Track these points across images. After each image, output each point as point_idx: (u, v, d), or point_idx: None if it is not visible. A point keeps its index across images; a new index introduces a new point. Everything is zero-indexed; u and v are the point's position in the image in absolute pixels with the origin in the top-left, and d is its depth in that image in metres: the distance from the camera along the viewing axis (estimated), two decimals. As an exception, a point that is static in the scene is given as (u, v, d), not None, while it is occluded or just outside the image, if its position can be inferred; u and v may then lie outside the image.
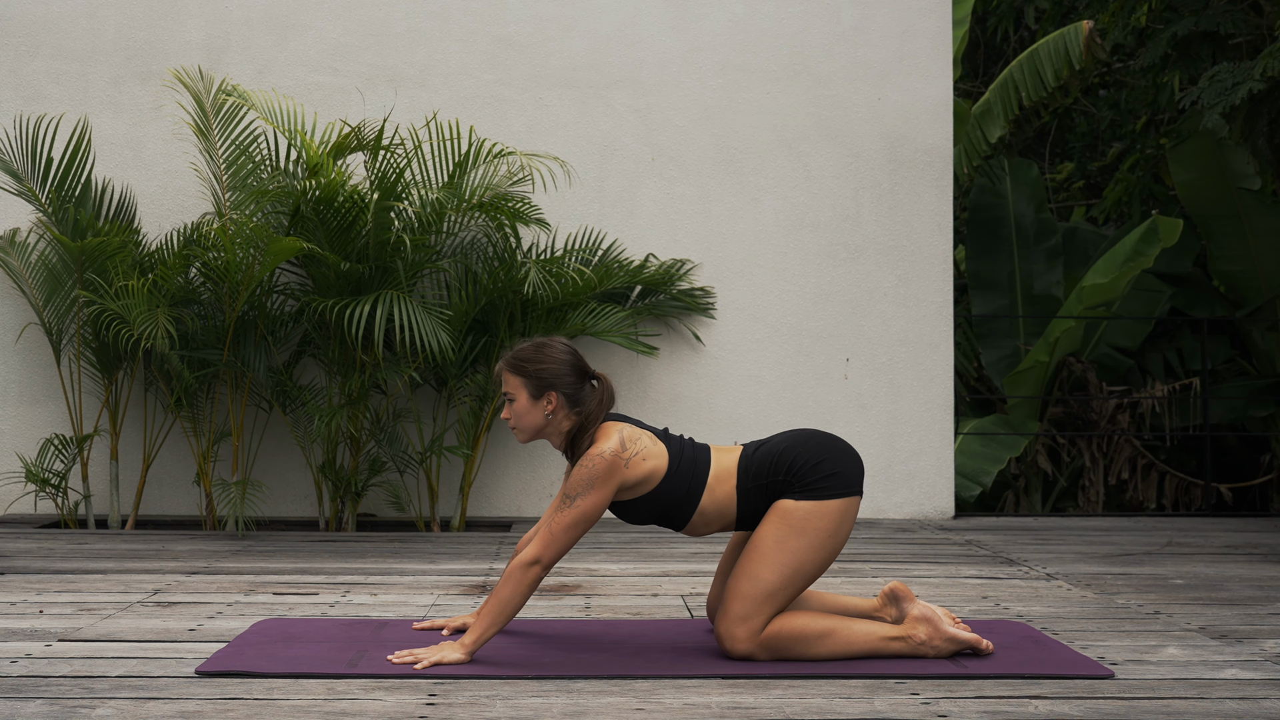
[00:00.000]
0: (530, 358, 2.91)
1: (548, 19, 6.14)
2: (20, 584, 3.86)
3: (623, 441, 2.82)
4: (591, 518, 2.79)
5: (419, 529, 5.62)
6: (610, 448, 2.80)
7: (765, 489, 2.87)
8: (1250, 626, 3.35)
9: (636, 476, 2.83)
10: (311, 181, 5.10)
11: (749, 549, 2.84)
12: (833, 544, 2.84)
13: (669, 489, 2.86)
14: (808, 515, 2.82)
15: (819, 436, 2.92)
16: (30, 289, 5.58)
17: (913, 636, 2.85)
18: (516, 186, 5.63)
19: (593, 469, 2.78)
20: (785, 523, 2.82)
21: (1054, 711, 2.43)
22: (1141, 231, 8.55)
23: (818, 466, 2.85)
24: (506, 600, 2.74)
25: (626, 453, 2.81)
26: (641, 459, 2.83)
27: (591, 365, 5.97)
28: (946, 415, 6.19)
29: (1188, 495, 9.11)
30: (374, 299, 5.04)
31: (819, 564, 2.84)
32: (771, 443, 2.93)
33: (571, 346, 2.96)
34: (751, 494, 2.88)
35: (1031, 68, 8.82)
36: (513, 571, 2.75)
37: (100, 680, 2.61)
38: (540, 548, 2.76)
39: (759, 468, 2.89)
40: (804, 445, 2.89)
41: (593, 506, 2.78)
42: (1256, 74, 6.81)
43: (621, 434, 2.84)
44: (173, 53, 5.94)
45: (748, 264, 6.14)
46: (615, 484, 2.80)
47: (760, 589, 2.80)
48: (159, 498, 5.85)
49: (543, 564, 2.75)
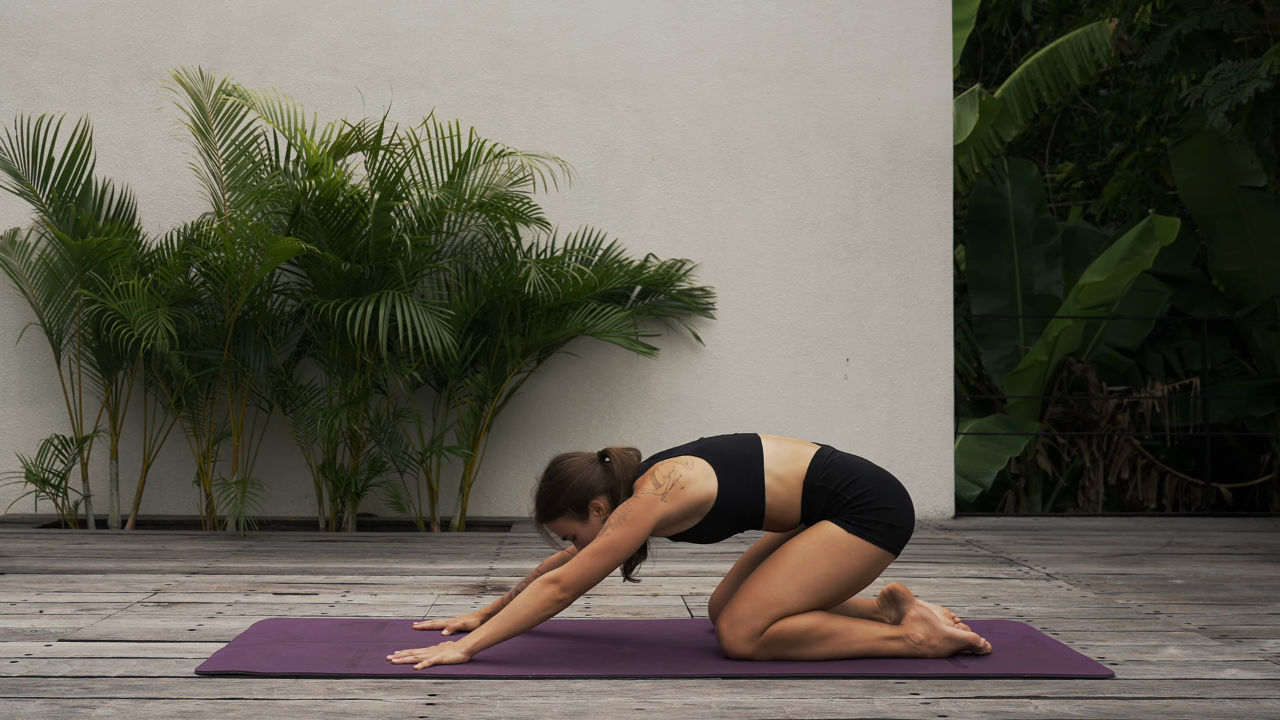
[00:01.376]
0: (554, 496, 2.88)
1: (548, 19, 6.14)
2: (20, 584, 3.86)
3: (656, 480, 2.81)
4: (620, 549, 2.73)
5: (419, 529, 5.62)
6: (646, 489, 2.79)
7: (827, 495, 2.85)
8: (1250, 626, 3.35)
9: (683, 506, 2.79)
10: (311, 181, 5.10)
11: (776, 556, 2.83)
12: (856, 584, 2.84)
13: (728, 501, 2.83)
14: (849, 548, 2.80)
15: (897, 486, 2.91)
16: (30, 289, 5.58)
17: (911, 636, 2.85)
18: (516, 186, 5.63)
19: (628, 506, 2.77)
20: (824, 545, 2.80)
21: (1054, 711, 2.43)
22: (1139, 230, 8.55)
23: (884, 511, 2.84)
24: (516, 611, 2.72)
25: (660, 489, 2.78)
26: (680, 488, 2.79)
27: (590, 364, 6.01)
28: (946, 415, 6.19)
29: (1188, 495, 9.11)
30: (376, 299, 5.04)
31: (836, 595, 2.83)
32: (855, 460, 2.91)
33: (563, 456, 2.94)
34: (816, 493, 2.85)
35: (1052, 67, 8.80)
36: (535, 587, 2.74)
37: (100, 680, 2.61)
38: (564, 568, 2.74)
39: (831, 470, 2.86)
40: (882, 483, 2.88)
41: (622, 539, 2.73)
42: (1262, 72, 6.80)
43: (655, 474, 2.82)
44: (173, 53, 5.94)
45: (748, 264, 6.14)
46: (652, 520, 2.76)
47: (773, 596, 2.79)
48: (159, 498, 5.85)
49: (561, 584, 2.71)
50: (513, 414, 5.99)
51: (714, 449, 2.89)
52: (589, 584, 2.74)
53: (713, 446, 2.90)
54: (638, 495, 2.78)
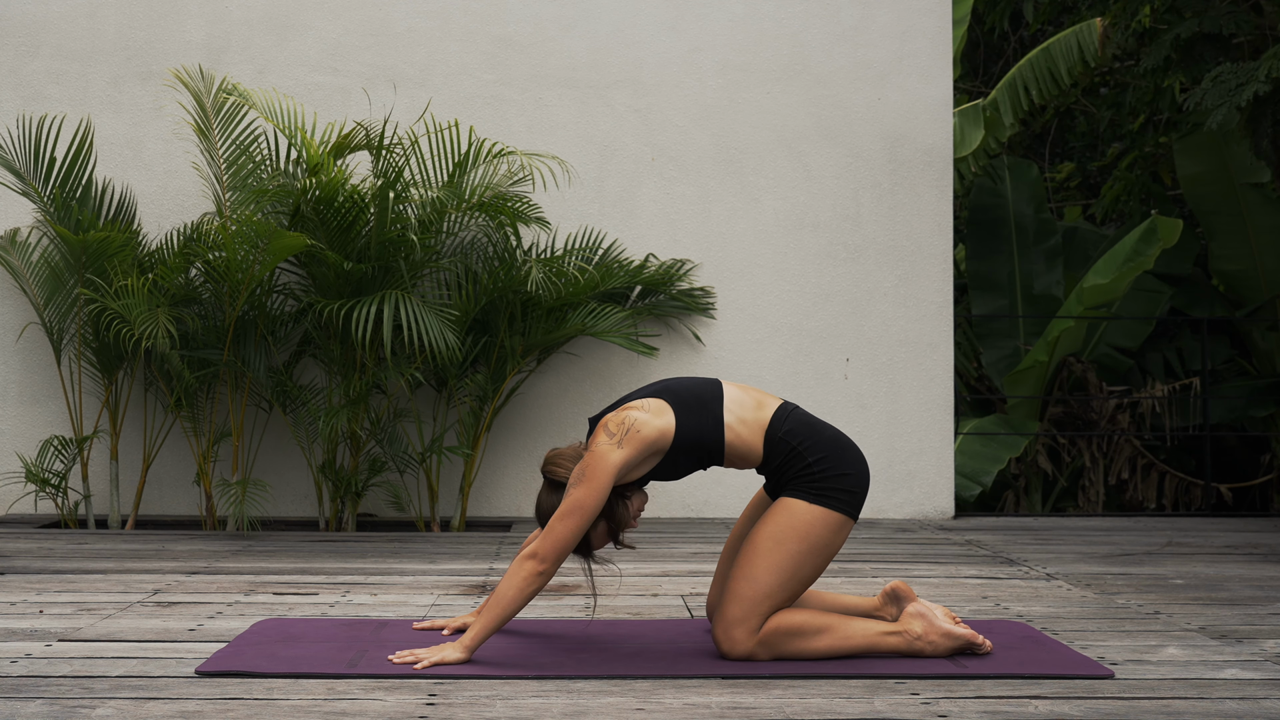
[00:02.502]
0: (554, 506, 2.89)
1: (548, 19, 6.14)
2: (20, 584, 3.86)
3: (609, 430, 2.81)
4: (586, 507, 2.74)
5: (419, 529, 5.62)
6: (600, 440, 2.79)
7: (788, 449, 2.85)
8: (1250, 626, 3.35)
9: (641, 449, 2.79)
10: (311, 180, 5.10)
11: (747, 548, 2.84)
12: (828, 554, 2.85)
13: (686, 437, 2.82)
14: (814, 520, 2.81)
15: (856, 450, 2.92)
16: (31, 288, 5.58)
17: (909, 631, 2.86)
18: (516, 186, 5.64)
19: (585, 462, 2.77)
20: (790, 524, 2.81)
21: (1054, 711, 2.43)
22: (1141, 231, 8.55)
23: (842, 478, 2.85)
24: (502, 595, 2.73)
25: (614, 437, 2.79)
26: (635, 432, 2.79)
27: (590, 364, 6.01)
28: (946, 415, 6.19)
29: (1188, 495, 9.11)
30: (379, 299, 5.04)
31: (814, 569, 2.84)
32: (815, 421, 2.92)
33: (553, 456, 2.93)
34: (778, 445, 2.86)
35: (1043, 66, 8.82)
36: (513, 567, 2.75)
37: (100, 680, 2.61)
38: (539, 541, 2.75)
39: (794, 426, 2.87)
40: (841, 448, 2.89)
41: (586, 496, 2.74)
42: (1261, 75, 6.80)
43: (607, 425, 2.82)
44: (173, 53, 5.94)
45: (748, 264, 6.14)
46: (612, 471, 2.75)
47: (758, 591, 2.80)
48: (159, 498, 5.85)
49: (539, 557, 2.72)
50: (513, 414, 5.99)
51: (670, 390, 2.90)
52: (565, 550, 2.74)
53: (669, 389, 2.90)
54: (593, 449, 2.77)
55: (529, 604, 3.15)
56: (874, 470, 6.12)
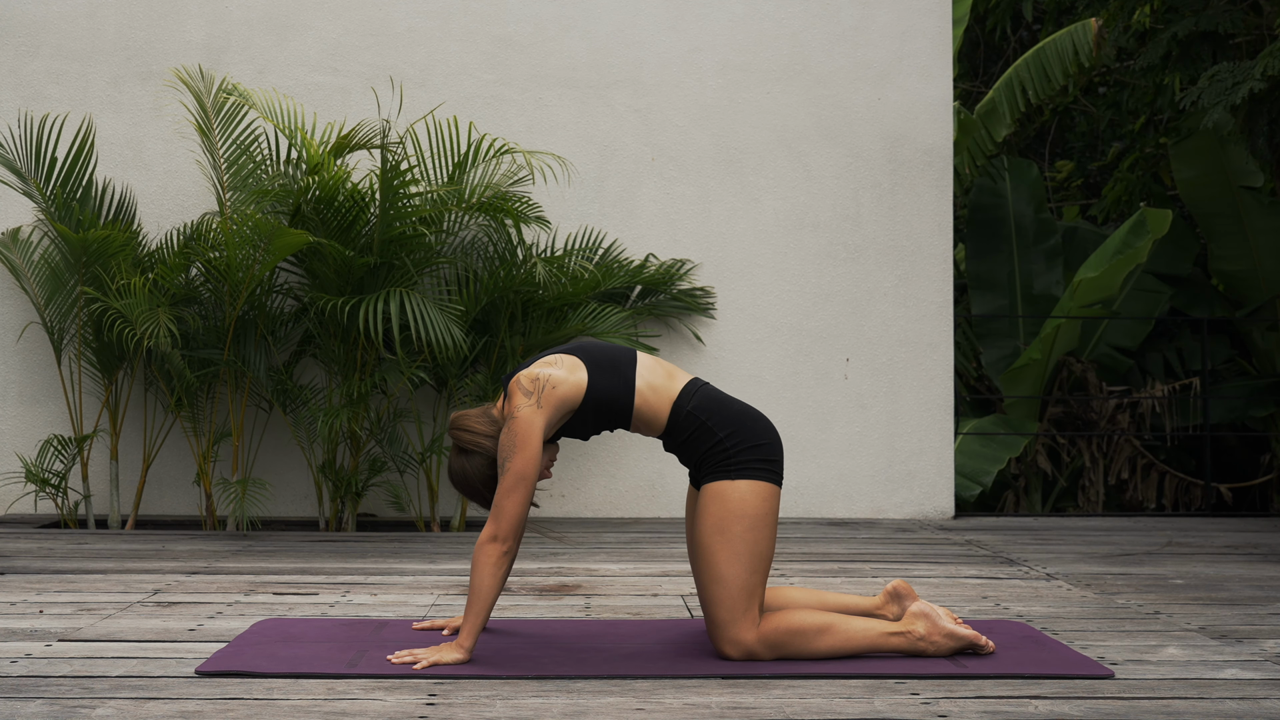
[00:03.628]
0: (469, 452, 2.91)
1: (548, 19, 6.14)
2: (20, 584, 3.86)
3: (524, 388, 2.81)
4: (528, 476, 2.76)
5: (419, 529, 5.62)
6: (517, 401, 2.80)
7: (700, 427, 2.86)
8: (1250, 626, 3.35)
9: (558, 405, 2.81)
10: (312, 180, 5.10)
11: (700, 551, 2.84)
12: (770, 523, 2.85)
13: (597, 395, 2.85)
14: (743, 495, 2.82)
15: (765, 421, 2.94)
16: (32, 288, 5.59)
17: (911, 632, 2.85)
18: (517, 186, 5.64)
19: (510, 430, 2.79)
20: (722, 508, 2.82)
21: (1054, 711, 2.43)
22: (1130, 224, 8.56)
23: (757, 448, 2.86)
24: (478, 586, 2.74)
25: (532, 397, 2.80)
26: (551, 388, 2.81)
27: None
28: (946, 415, 6.19)
29: (1188, 495, 9.11)
30: (385, 295, 5.04)
31: (768, 542, 2.83)
32: (723, 396, 2.95)
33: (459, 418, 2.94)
34: (685, 419, 2.87)
35: (1038, 66, 8.83)
36: (475, 555, 2.76)
37: (100, 680, 2.62)
38: (491, 523, 2.76)
39: (701, 400, 2.89)
40: (750, 419, 2.91)
41: (523, 464, 2.76)
42: (1257, 73, 6.80)
43: (521, 382, 2.83)
44: (173, 53, 5.94)
45: (748, 264, 6.14)
46: (539, 431, 2.78)
47: (731, 587, 2.79)
48: (159, 498, 5.85)
49: (499, 538, 2.74)
50: (513, 414, 5.98)
51: (585, 349, 2.92)
52: (520, 523, 2.76)
53: (584, 348, 2.92)
54: (515, 414, 2.78)
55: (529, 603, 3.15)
56: (874, 470, 6.12)
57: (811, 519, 6.03)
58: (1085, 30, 8.60)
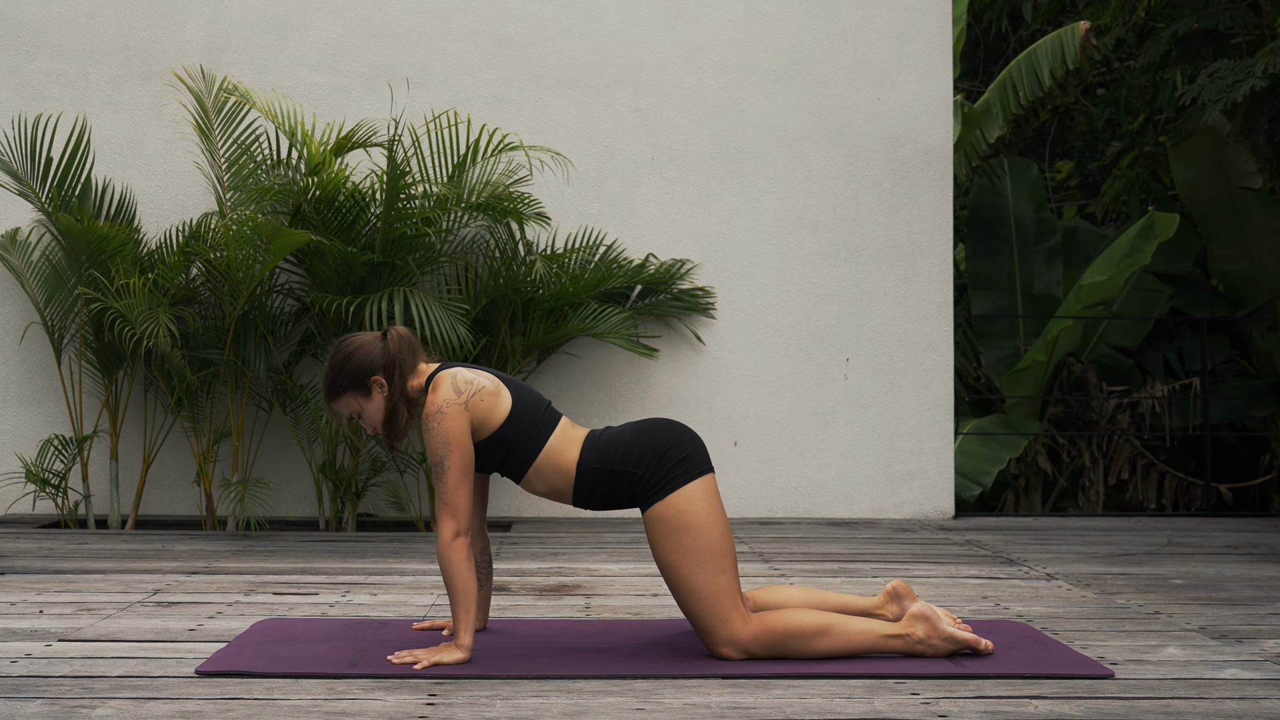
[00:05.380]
0: (333, 374, 2.90)
1: (548, 19, 6.14)
2: (20, 584, 3.86)
3: (455, 385, 2.82)
4: (469, 465, 2.79)
5: (419, 529, 5.62)
6: (444, 397, 2.80)
7: (609, 475, 2.86)
8: (1250, 626, 3.35)
9: (479, 415, 2.82)
10: (312, 179, 5.10)
11: (665, 573, 2.84)
12: (716, 518, 2.83)
13: (509, 434, 2.85)
14: (679, 510, 2.81)
15: (662, 424, 2.93)
16: (32, 288, 5.58)
17: (910, 634, 2.85)
18: (517, 185, 5.64)
19: (440, 428, 2.78)
20: (665, 528, 2.82)
21: (1054, 711, 2.43)
22: (1139, 227, 8.55)
23: (666, 456, 2.85)
24: (458, 584, 2.76)
25: (462, 396, 2.81)
26: (480, 399, 2.82)
27: (591, 364, 6.01)
28: (946, 415, 6.19)
29: (1188, 495, 9.11)
30: (389, 294, 5.04)
31: (721, 538, 2.82)
32: (617, 431, 2.93)
33: (343, 338, 2.94)
34: (590, 475, 2.87)
35: (1029, 67, 8.85)
36: (443, 555, 2.77)
37: (100, 680, 2.62)
38: (449, 520, 2.77)
39: (604, 451, 2.88)
40: (650, 435, 2.89)
41: (462, 459, 2.78)
42: (1258, 71, 6.80)
43: (454, 379, 2.83)
44: (173, 53, 5.94)
45: (748, 264, 6.14)
46: (465, 428, 2.79)
47: (704, 595, 2.79)
48: (159, 498, 5.85)
49: (462, 531, 2.76)
50: (513, 414, 5.98)
51: (518, 387, 2.92)
52: (467, 510, 2.77)
53: (510, 381, 2.92)
54: (444, 409, 2.78)
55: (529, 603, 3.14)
56: (874, 470, 6.12)
57: (811, 519, 6.03)
58: (1074, 33, 8.61)
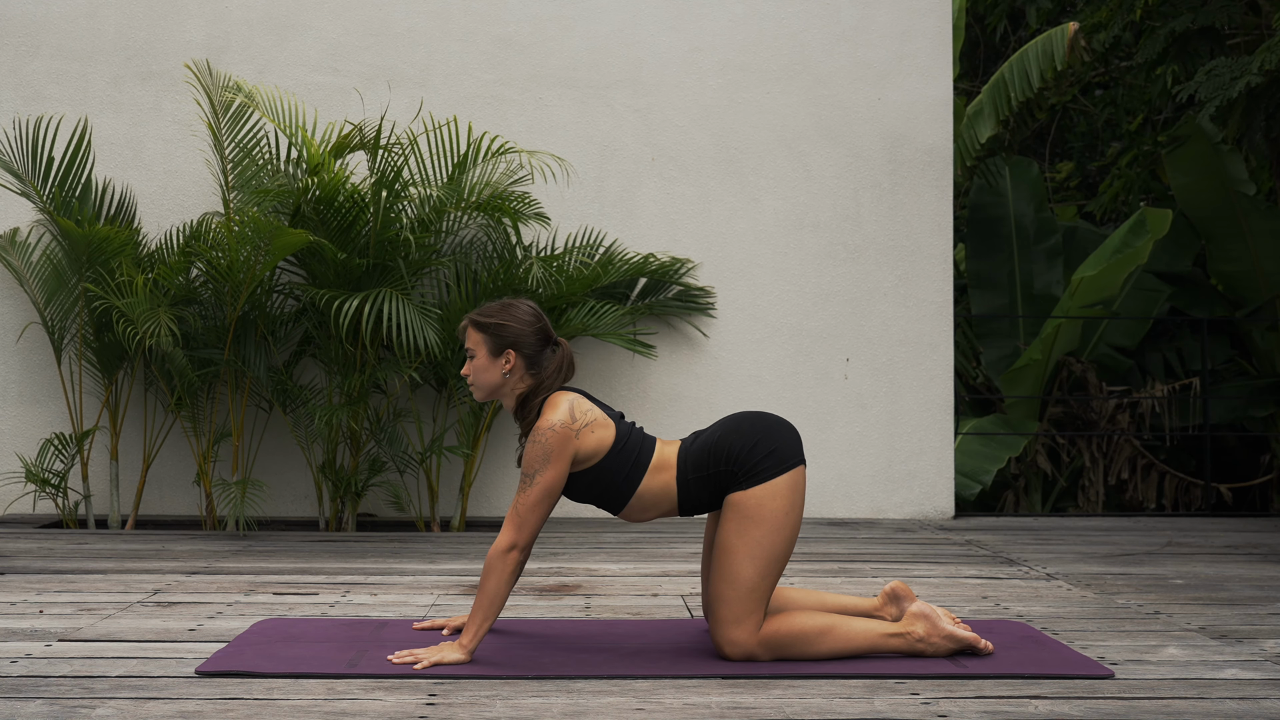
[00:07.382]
0: (493, 315, 2.92)
1: (548, 19, 6.14)
2: (20, 584, 3.86)
3: (572, 412, 2.82)
4: (555, 491, 2.79)
5: (419, 529, 5.62)
6: (559, 419, 2.81)
7: (707, 480, 2.87)
8: (1250, 626, 3.35)
9: (586, 448, 2.83)
10: (312, 180, 5.10)
11: (717, 552, 2.84)
12: (791, 520, 2.84)
13: (611, 465, 2.86)
14: (759, 501, 2.81)
15: (750, 418, 2.92)
16: (32, 288, 5.59)
17: (910, 633, 2.85)
18: (516, 185, 5.64)
19: (546, 444, 2.79)
20: (740, 515, 2.81)
21: (1054, 711, 2.43)
22: (1131, 224, 8.57)
23: (754, 449, 2.84)
24: (493, 592, 2.75)
25: (576, 423, 2.81)
26: (590, 430, 2.83)
27: (590, 364, 6.00)
28: (946, 415, 6.19)
29: (1188, 495, 9.11)
30: (364, 295, 5.05)
31: (785, 544, 2.83)
32: (707, 434, 2.93)
33: (537, 309, 2.95)
34: (692, 485, 2.88)
35: (1021, 68, 8.86)
36: (492, 562, 2.76)
37: (100, 680, 2.61)
38: (513, 532, 2.76)
39: (697, 459, 2.88)
40: (737, 431, 2.88)
41: (553, 480, 2.78)
42: (1254, 68, 6.80)
43: (571, 404, 2.84)
44: (173, 53, 5.94)
45: (748, 264, 6.14)
46: (569, 454, 2.80)
47: (741, 587, 2.79)
48: (159, 498, 5.85)
49: (519, 547, 2.76)
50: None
51: (623, 424, 2.92)
52: (537, 533, 2.80)
53: (622, 422, 2.93)
54: (554, 428, 2.79)
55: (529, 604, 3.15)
56: (874, 470, 6.12)
57: (811, 519, 6.02)
58: (1063, 34, 8.62)
